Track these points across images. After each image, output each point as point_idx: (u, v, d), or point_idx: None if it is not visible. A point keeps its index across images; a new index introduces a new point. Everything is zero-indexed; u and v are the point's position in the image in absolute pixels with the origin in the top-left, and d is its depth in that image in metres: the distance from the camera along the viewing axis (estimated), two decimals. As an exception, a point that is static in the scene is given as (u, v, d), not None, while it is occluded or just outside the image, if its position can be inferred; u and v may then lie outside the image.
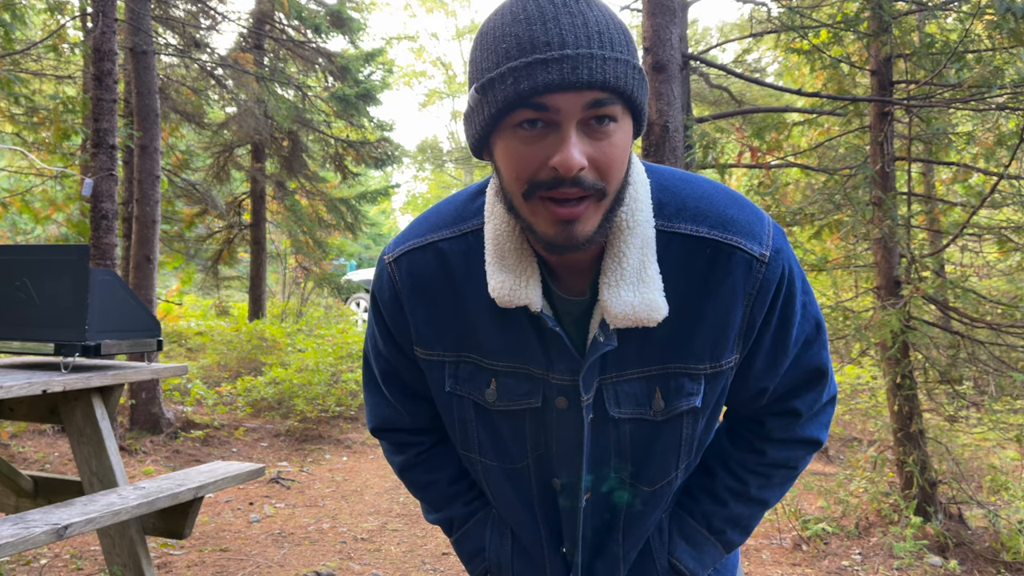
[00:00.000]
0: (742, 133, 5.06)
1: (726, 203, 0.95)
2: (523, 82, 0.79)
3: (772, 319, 0.98)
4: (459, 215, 1.02)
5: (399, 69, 30.91)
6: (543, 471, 1.08)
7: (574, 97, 0.80)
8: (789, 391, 1.06)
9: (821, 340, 1.04)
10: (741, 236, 0.93)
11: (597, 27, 0.81)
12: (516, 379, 1.01)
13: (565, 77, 0.78)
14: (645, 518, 1.09)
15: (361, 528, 3.92)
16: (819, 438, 1.10)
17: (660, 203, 0.95)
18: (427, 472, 1.19)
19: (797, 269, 0.99)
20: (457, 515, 1.19)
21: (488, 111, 0.83)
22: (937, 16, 4.13)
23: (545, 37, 0.79)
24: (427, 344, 1.05)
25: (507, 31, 0.82)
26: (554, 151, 0.81)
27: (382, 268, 1.06)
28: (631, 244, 0.91)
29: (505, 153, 0.85)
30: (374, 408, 1.20)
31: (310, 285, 12.64)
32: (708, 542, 1.12)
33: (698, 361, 0.97)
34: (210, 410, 6.47)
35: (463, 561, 1.20)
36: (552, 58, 0.79)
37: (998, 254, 5.05)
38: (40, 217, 7.90)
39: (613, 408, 1.00)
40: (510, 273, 0.93)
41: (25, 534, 1.95)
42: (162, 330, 2.75)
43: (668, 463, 1.04)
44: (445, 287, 1.01)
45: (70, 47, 7.11)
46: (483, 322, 0.99)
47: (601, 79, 0.79)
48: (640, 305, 0.90)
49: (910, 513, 3.62)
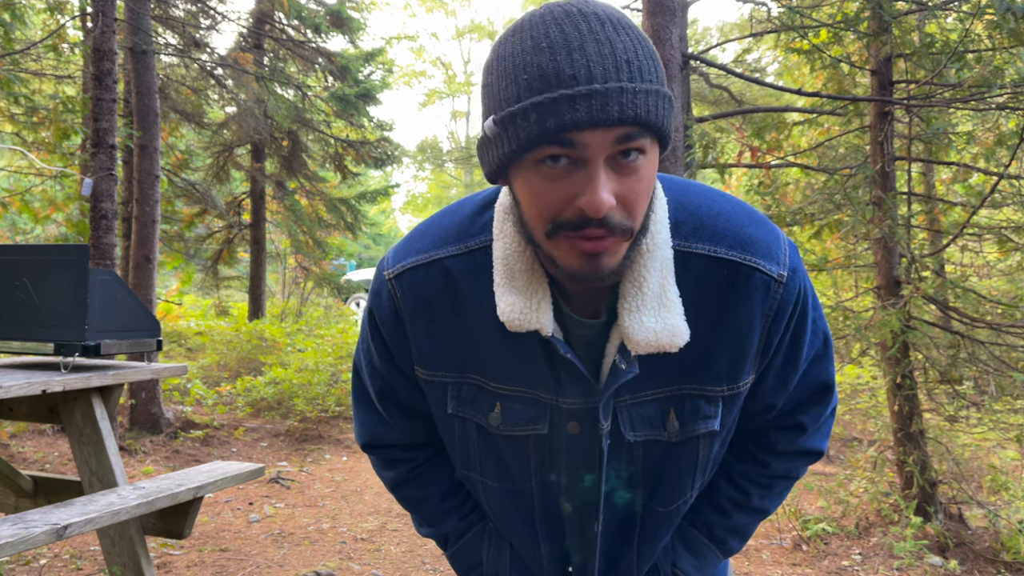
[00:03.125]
0: (742, 133, 5.05)
1: (744, 221, 0.91)
2: (548, 120, 0.73)
3: (786, 338, 0.96)
4: (465, 230, 0.96)
5: (399, 69, 30.92)
6: (548, 493, 1.05)
7: (603, 134, 0.74)
8: (796, 406, 1.05)
9: (828, 355, 1.03)
10: (760, 257, 0.90)
11: (626, 55, 0.75)
12: (522, 403, 0.97)
13: (594, 115, 0.72)
14: (658, 537, 1.08)
15: (361, 528, 3.92)
16: (820, 449, 1.10)
17: (677, 222, 0.91)
18: (421, 488, 1.15)
19: (810, 286, 0.97)
20: (452, 529, 1.15)
21: (508, 147, 0.78)
22: (937, 16, 4.12)
23: (571, 70, 0.73)
24: (429, 365, 1.00)
25: (529, 60, 0.75)
26: (580, 190, 0.76)
27: (381, 284, 0.99)
28: (651, 268, 0.87)
29: (527, 190, 0.80)
30: (365, 424, 1.15)
31: (310, 285, 12.65)
32: (709, 551, 1.12)
33: (716, 383, 0.95)
34: (210, 410, 6.47)
35: (459, 574, 1.18)
36: (580, 94, 0.72)
37: (998, 254, 5.05)
38: (40, 217, 7.90)
39: (628, 432, 0.97)
40: (520, 295, 0.88)
41: (25, 534, 1.95)
42: (162, 330, 2.75)
43: (684, 484, 1.02)
44: (450, 307, 0.95)
45: (70, 47, 7.11)
46: (490, 344, 0.95)
47: (632, 115, 0.74)
48: (663, 331, 0.86)
49: (910, 513, 3.62)
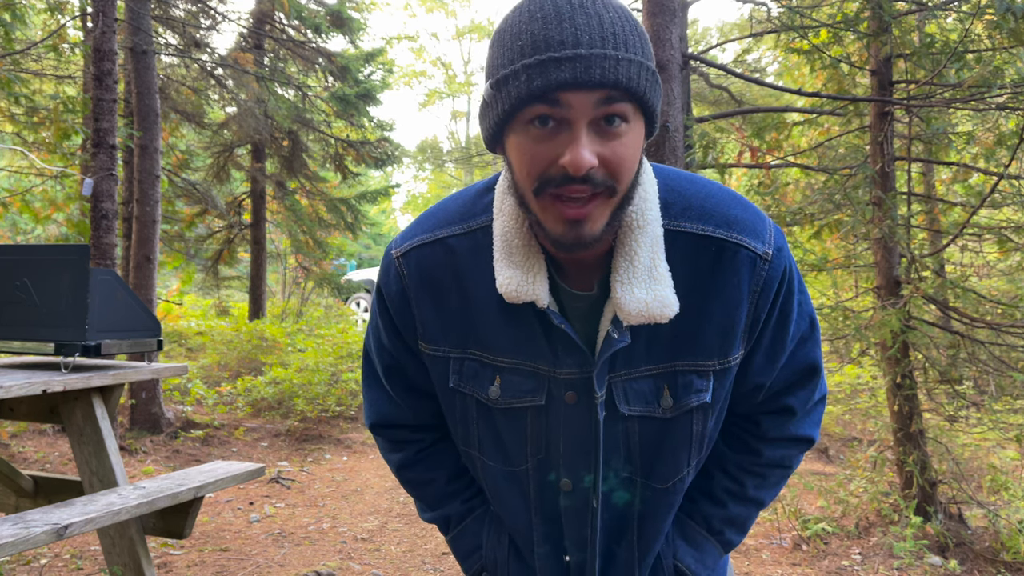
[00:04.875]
0: (742, 133, 5.05)
1: (730, 203, 0.97)
2: (536, 79, 0.81)
3: (773, 315, 1.00)
4: (468, 212, 1.03)
5: (399, 69, 30.89)
6: (543, 475, 1.08)
7: (586, 96, 0.81)
8: (784, 388, 1.08)
9: (815, 338, 1.07)
10: (746, 235, 0.95)
11: (612, 28, 0.82)
12: (520, 376, 1.02)
13: (578, 76, 0.80)
14: (659, 519, 1.09)
15: (361, 528, 3.92)
16: (811, 436, 1.12)
17: (667, 202, 0.97)
18: (427, 470, 1.19)
19: (795, 267, 1.02)
20: (455, 513, 1.19)
21: (502, 107, 0.85)
22: (937, 16, 4.13)
23: (560, 36, 0.81)
24: (432, 339, 1.05)
25: (523, 29, 0.83)
26: (565, 150, 0.83)
27: (389, 262, 1.06)
28: (641, 243, 0.93)
29: (518, 149, 0.87)
30: (374, 403, 1.20)
31: (310, 285, 12.64)
32: (708, 543, 1.13)
33: (707, 358, 0.99)
34: (210, 410, 6.47)
35: (459, 559, 1.21)
36: (566, 57, 0.80)
37: (998, 254, 5.05)
38: (40, 217, 7.90)
39: (623, 405, 1.01)
40: (518, 269, 0.94)
41: (25, 534, 1.95)
42: (162, 330, 2.75)
43: (679, 460, 1.05)
44: (453, 282, 1.01)
45: (70, 47, 7.10)
46: (490, 318, 1.00)
47: (613, 79, 0.80)
48: (653, 302, 0.91)
49: (910, 513, 3.62)
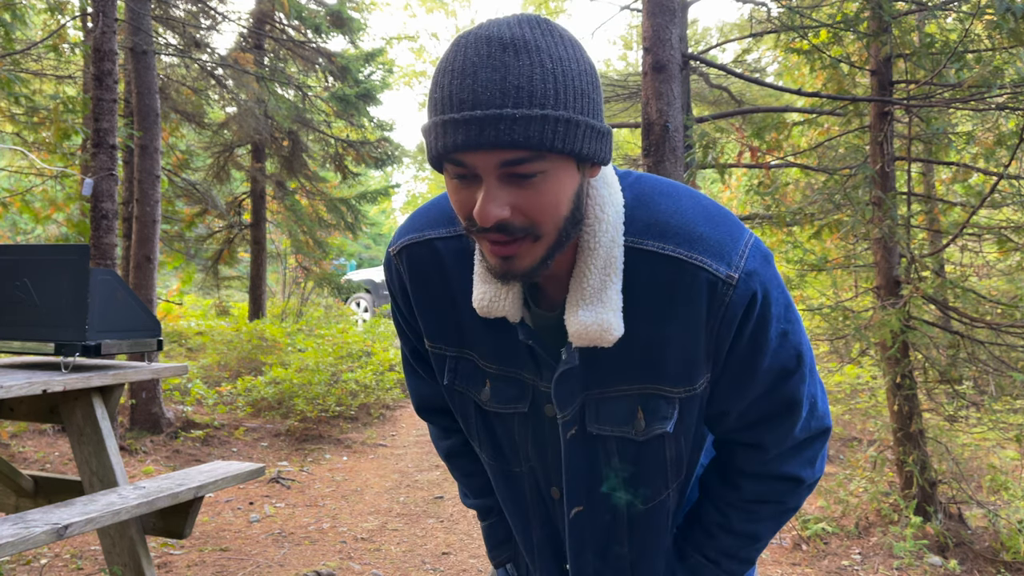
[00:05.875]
0: (742, 133, 5.05)
1: (699, 220, 0.91)
2: (439, 140, 0.80)
3: (740, 344, 0.94)
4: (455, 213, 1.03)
5: (399, 69, 30.82)
6: (538, 481, 1.09)
7: (484, 156, 0.79)
8: (758, 420, 1.01)
9: (801, 373, 0.98)
10: (707, 256, 0.89)
11: (517, 82, 0.77)
12: (507, 383, 1.03)
13: (470, 140, 0.78)
14: (647, 537, 1.08)
15: (361, 528, 3.92)
16: (798, 475, 1.04)
17: (632, 218, 0.92)
18: (473, 461, 1.23)
19: (777, 294, 0.94)
20: (495, 504, 1.23)
21: (427, 154, 0.85)
22: (937, 16, 4.13)
23: (461, 95, 0.78)
24: (432, 336, 1.07)
25: (439, 80, 0.81)
26: (476, 201, 0.82)
27: (389, 259, 1.09)
28: (591, 265, 0.91)
29: (448, 190, 0.87)
30: (413, 389, 1.25)
31: (310, 285, 12.64)
32: (708, 570, 1.11)
33: (672, 384, 0.96)
34: (210, 410, 6.46)
35: (488, 547, 1.26)
36: (463, 119, 0.78)
37: (998, 254, 5.05)
38: (40, 217, 7.90)
39: (592, 424, 1.00)
40: (492, 284, 0.95)
41: (25, 534, 1.95)
42: (162, 330, 2.75)
43: (657, 482, 1.04)
44: (441, 285, 1.02)
45: (70, 47, 7.10)
46: (477, 324, 1.01)
47: (508, 140, 0.77)
48: (592, 324, 0.90)
49: (910, 513, 3.62)
